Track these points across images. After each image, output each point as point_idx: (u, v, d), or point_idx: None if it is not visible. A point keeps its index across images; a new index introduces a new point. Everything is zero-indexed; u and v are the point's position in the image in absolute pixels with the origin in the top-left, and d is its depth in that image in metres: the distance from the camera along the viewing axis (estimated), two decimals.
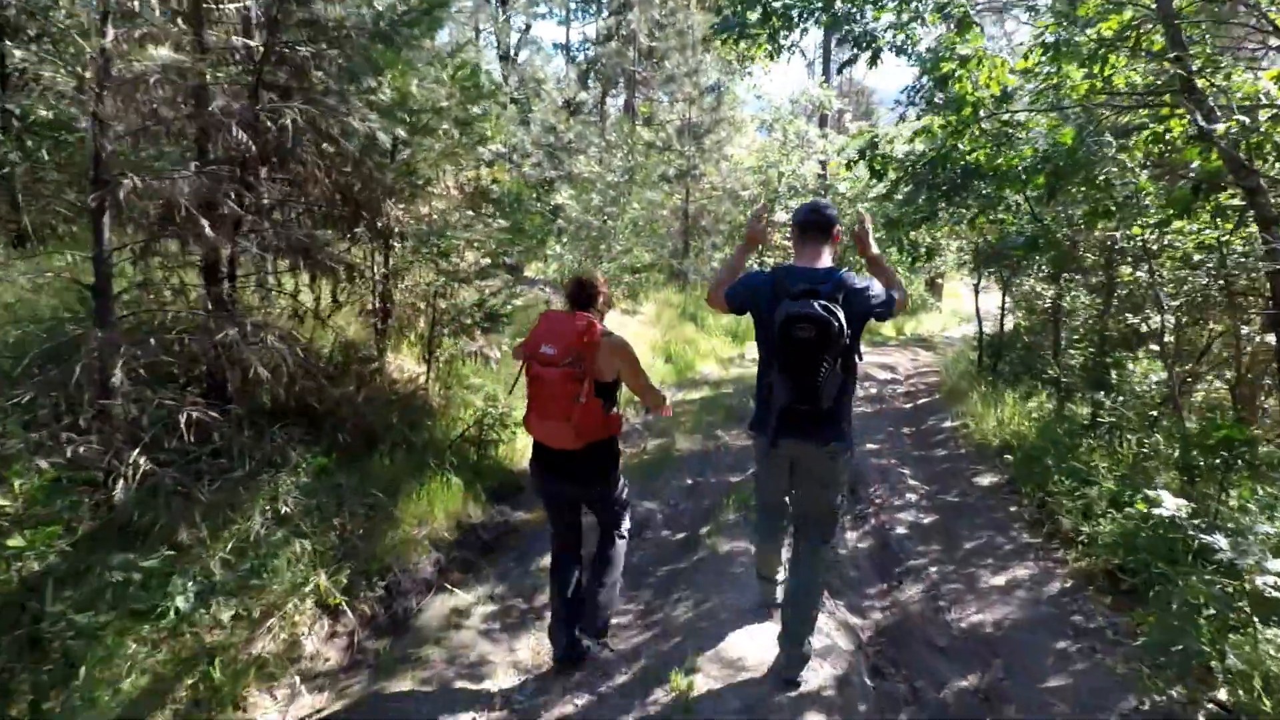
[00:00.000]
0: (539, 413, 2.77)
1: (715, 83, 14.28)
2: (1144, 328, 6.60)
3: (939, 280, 24.46)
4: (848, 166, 5.98)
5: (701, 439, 7.54)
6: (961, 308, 25.56)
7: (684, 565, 4.43)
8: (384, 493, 4.42)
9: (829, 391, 2.53)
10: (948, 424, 7.87)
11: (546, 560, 4.66)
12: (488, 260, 5.89)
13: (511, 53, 17.20)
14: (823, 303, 2.43)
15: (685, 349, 11.76)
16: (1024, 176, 5.29)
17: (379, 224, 4.09)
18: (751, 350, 15.18)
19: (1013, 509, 5.01)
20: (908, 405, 9.27)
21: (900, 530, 4.88)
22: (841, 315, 2.43)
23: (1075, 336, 6.75)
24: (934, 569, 4.26)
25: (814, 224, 2.75)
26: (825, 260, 2.71)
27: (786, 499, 3.08)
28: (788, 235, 15.97)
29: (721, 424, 8.16)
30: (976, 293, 10.89)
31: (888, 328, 23.21)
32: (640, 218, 9.38)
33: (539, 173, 14.91)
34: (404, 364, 6.03)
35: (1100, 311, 6.46)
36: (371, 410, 4.85)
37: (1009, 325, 10.51)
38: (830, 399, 2.55)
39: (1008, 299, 10.32)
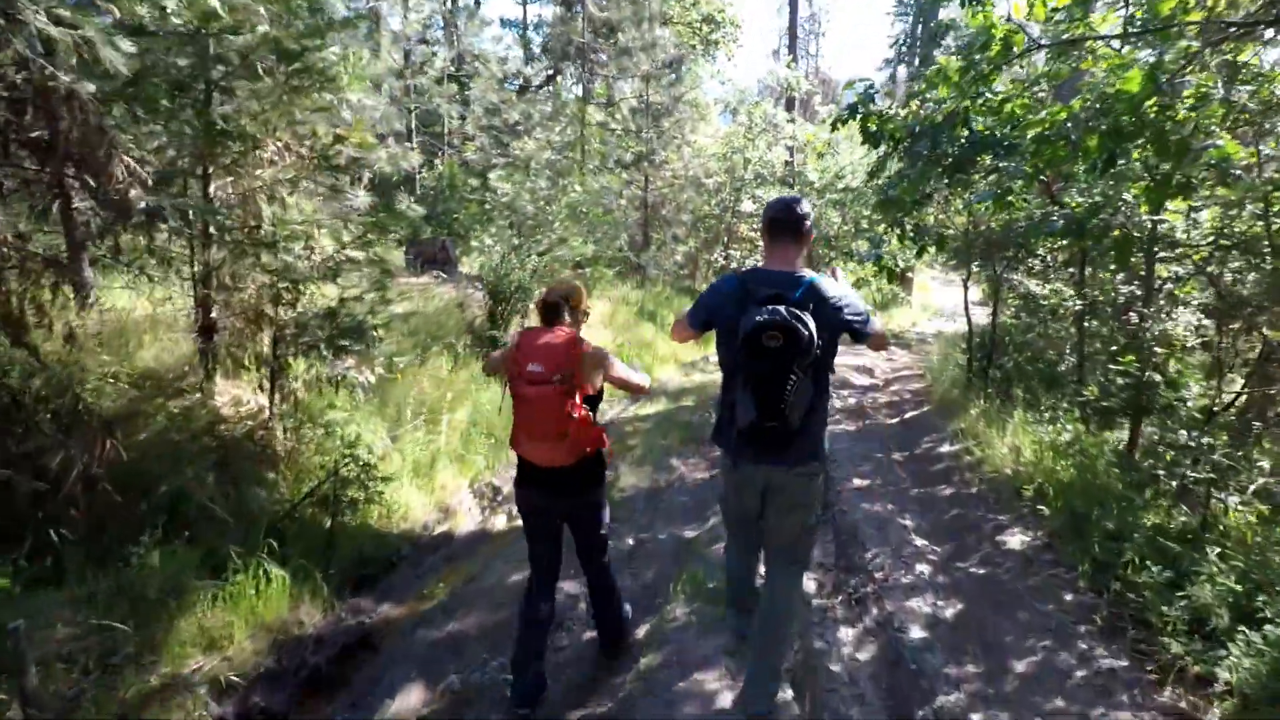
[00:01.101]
0: (530, 433, 2.63)
1: (674, 58, 12.67)
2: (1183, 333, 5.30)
3: (909, 274, 23.33)
4: (833, 127, 4.44)
5: (652, 471, 6.02)
6: (931, 301, 24.45)
7: (605, 708, 2.90)
8: (140, 609, 2.81)
9: (797, 406, 2.28)
10: (946, 448, 6.44)
11: (401, 701, 3.13)
12: (359, 255, 4.25)
13: (459, 25, 15.40)
14: (791, 309, 2.22)
15: (641, 353, 10.23)
16: (1073, 138, 3.83)
17: (104, 192, 2.46)
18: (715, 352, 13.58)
19: (1068, 597, 3.55)
20: (894, 420, 7.83)
21: (916, 632, 3.39)
22: (812, 324, 2.22)
23: (1112, 346, 5.31)
24: (976, 717, 2.77)
25: (784, 223, 2.45)
26: (797, 263, 2.45)
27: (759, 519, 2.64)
28: (755, 226, 14.58)
29: (678, 449, 6.64)
30: (966, 289, 9.51)
31: None
32: (582, 202, 7.80)
33: (483, 158, 13.20)
34: (244, 395, 4.39)
35: (1140, 315, 5.05)
36: (144, 476, 3.22)
37: (987, 324, 9.18)
38: (799, 415, 2.30)
39: (994, 295, 8.97)
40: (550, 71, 14.19)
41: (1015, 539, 4.26)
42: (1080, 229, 4.09)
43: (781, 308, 2.20)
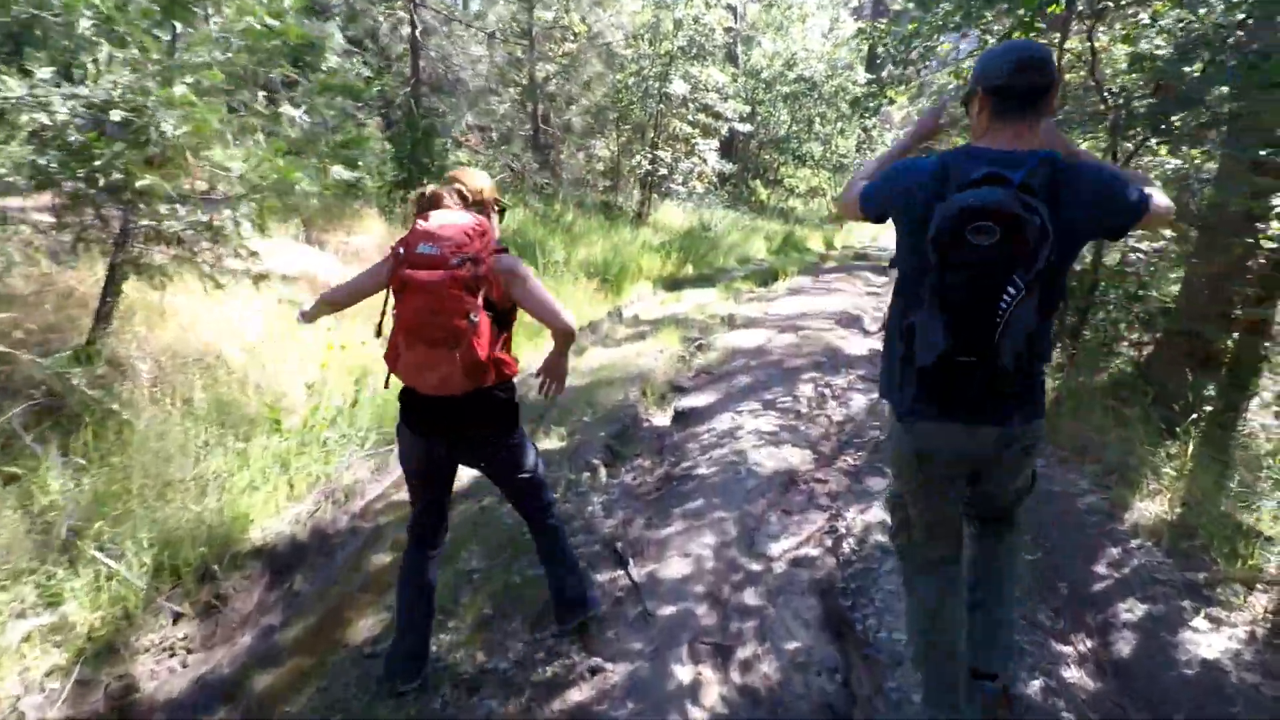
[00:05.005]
0: (412, 337, 1.77)
1: None
2: None
3: None
4: None
5: None
6: None
7: None
8: None
9: (1014, 337, 1.36)
10: (1158, 602, 2.37)
11: None
12: None
13: None
14: (1019, 194, 1.32)
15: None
16: None
17: None
18: (667, 303, 8.88)
19: None
20: None
21: None
22: (1046, 215, 1.32)
23: None
24: None
25: (1018, 90, 1.46)
26: (1033, 140, 1.47)
27: (960, 517, 1.77)
28: (690, 118, 9.75)
29: (519, 634, 2.38)
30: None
31: (816, 241, 17.64)
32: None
33: None
34: None
35: None
36: None
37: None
38: (1016, 352, 1.38)
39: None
40: None
41: None
42: None
43: (1001, 189, 1.33)
